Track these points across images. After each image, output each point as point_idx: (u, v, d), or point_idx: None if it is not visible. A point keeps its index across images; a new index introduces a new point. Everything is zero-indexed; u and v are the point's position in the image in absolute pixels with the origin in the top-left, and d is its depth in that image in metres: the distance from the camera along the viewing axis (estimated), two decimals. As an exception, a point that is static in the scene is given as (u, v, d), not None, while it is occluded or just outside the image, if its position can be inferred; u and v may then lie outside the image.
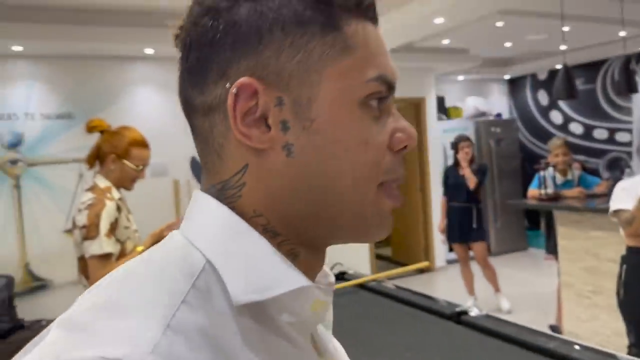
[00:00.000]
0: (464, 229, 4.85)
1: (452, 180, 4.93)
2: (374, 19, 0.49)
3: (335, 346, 0.59)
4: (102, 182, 2.08)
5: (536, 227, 7.61)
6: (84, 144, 2.32)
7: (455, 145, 4.91)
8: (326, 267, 0.54)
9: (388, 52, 0.50)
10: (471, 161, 4.81)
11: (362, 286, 2.69)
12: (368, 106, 0.47)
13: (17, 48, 4.08)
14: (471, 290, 4.95)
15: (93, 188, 2.06)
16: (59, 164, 4.27)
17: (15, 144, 4.26)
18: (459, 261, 5.05)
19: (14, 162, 4.25)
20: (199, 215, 0.47)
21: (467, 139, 4.86)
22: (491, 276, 4.88)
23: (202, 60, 0.46)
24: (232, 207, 0.46)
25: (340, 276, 2.89)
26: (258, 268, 0.43)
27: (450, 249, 5.18)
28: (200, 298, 0.40)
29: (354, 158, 0.46)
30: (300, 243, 0.47)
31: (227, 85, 0.45)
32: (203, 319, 0.39)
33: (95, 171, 2.13)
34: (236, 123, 0.45)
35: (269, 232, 0.46)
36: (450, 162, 5.35)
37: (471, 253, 4.95)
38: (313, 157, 0.45)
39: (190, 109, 0.48)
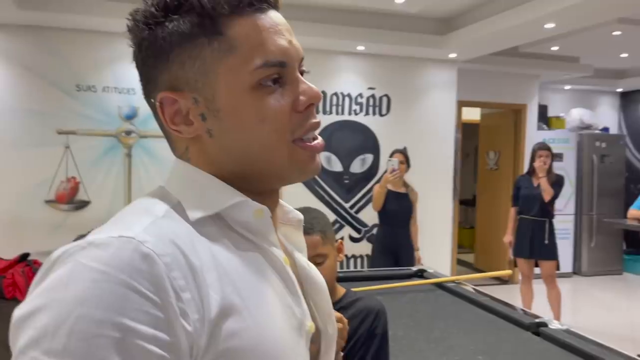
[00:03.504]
0: (534, 244, 4.53)
1: (524, 190, 4.60)
2: (260, 9, 0.60)
3: (310, 264, 0.74)
4: None
5: (635, 252, 7.13)
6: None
7: (533, 153, 4.58)
8: (291, 207, 0.73)
9: (282, 30, 0.61)
10: (548, 172, 4.46)
11: (441, 286, 2.71)
12: (262, 87, 0.59)
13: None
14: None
15: None
16: (167, 138, 4.61)
17: (130, 116, 4.63)
18: (521, 277, 4.74)
19: (128, 132, 4.63)
20: (172, 173, 0.65)
21: (547, 147, 4.52)
22: (556, 299, 4.55)
23: (143, 77, 0.63)
24: None
25: (419, 274, 2.92)
26: (207, 196, 0.60)
27: (515, 264, 4.81)
28: (173, 216, 0.57)
29: (256, 132, 0.60)
30: (243, 190, 0.62)
31: (152, 100, 0.61)
32: (172, 225, 0.55)
33: None
34: (167, 124, 0.61)
35: None
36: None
37: (537, 270, 4.64)
38: (227, 136, 0.60)
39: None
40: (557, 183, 4.48)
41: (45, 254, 3.54)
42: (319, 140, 0.64)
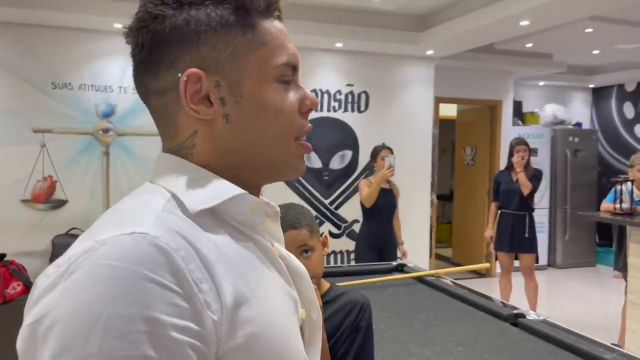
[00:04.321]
0: (515, 238, 4.63)
1: (504, 186, 4.69)
2: (279, 17, 0.67)
3: (290, 254, 0.76)
4: None
5: (607, 244, 7.31)
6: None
7: (510, 149, 4.67)
8: (267, 200, 0.72)
9: (290, 39, 0.67)
10: (526, 166, 4.57)
11: (421, 280, 2.75)
12: (280, 83, 0.64)
13: (117, 25, 4.38)
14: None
15: None
16: (145, 135, 4.57)
17: (108, 114, 4.58)
18: (501, 269, 4.84)
19: (105, 130, 4.58)
20: (160, 168, 0.64)
21: (524, 142, 4.62)
22: (533, 291, 4.66)
23: (155, 55, 0.61)
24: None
25: (400, 268, 2.96)
26: (206, 188, 0.60)
27: (496, 258, 4.92)
28: (171, 210, 0.57)
29: (273, 121, 0.63)
30: (238, 184, 0.63)
31: (179, 74, 0.60)
32: (175, 219, 0.56)
33: None
34: (187, 102, 0.61)
35: None
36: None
37: (516, 263, 4.74)
38: (244, 122, 0.62)
39: (145, 91, 0.65)
40: (535, 177, 4.57)
41: (21, 254, 3.49)
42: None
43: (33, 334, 0.48)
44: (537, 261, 4.72)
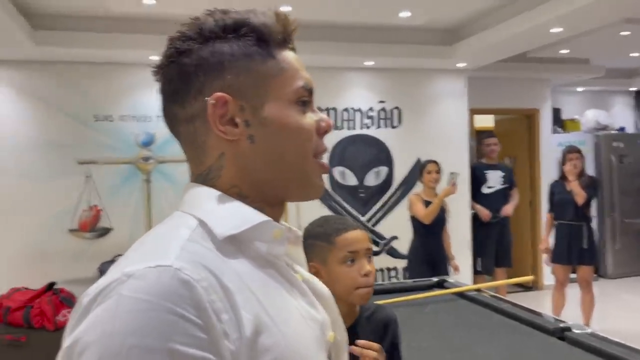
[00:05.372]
0: (573, 249, 4.46)
1: (558, 196, 4.56)
2: (293, 49, 0.73)
3: (312, 277, 0.79)
4: None
5: (661, 252, 7.00)
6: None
7: (563, 157, 4.54)
8: (291, 225, 0.75)
9: (304, 67, 0.74)
10: (580, 174, 4.42)
11: (462, 295, 2.70)
12: (298, 104, 0.69)
13: (153, 57, 4.54)
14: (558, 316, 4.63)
15: None
16: (184, 162, 4.65)
17: (147, 143, 4.73)
18: (555, 282, 4.68)
19: (146, 159, 4.73)
20: (189, 197, 0.68)
21: (576, 150, 4.49)
22: (589, 304, 4.50)
23: (183, 85, 0.67)
24: (214, 185, 0.67)
25: (440, 284, 2.92)
26: (233, 216, 0.64)
27: (552, 271, 4.76)
28: (197, 239, 0.60)
29: (294, 139, 0.68)
30: (264, 201, 0.68)
31: (207, 98, 0.65)
32: (199, 249, 0.59)
33: None
34: (215, 124, 0.65)
35: (242, 196, 0.67)
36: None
37: (572, 275, 4.58)
38: (268, 142, 0.67)
39: (174, 120, 0.70)
40: (590, 186, 4.42)
41: (70, 282, 3.60)
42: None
43: (68, 357, 0.52)
44: (596, 272, 4.53)
